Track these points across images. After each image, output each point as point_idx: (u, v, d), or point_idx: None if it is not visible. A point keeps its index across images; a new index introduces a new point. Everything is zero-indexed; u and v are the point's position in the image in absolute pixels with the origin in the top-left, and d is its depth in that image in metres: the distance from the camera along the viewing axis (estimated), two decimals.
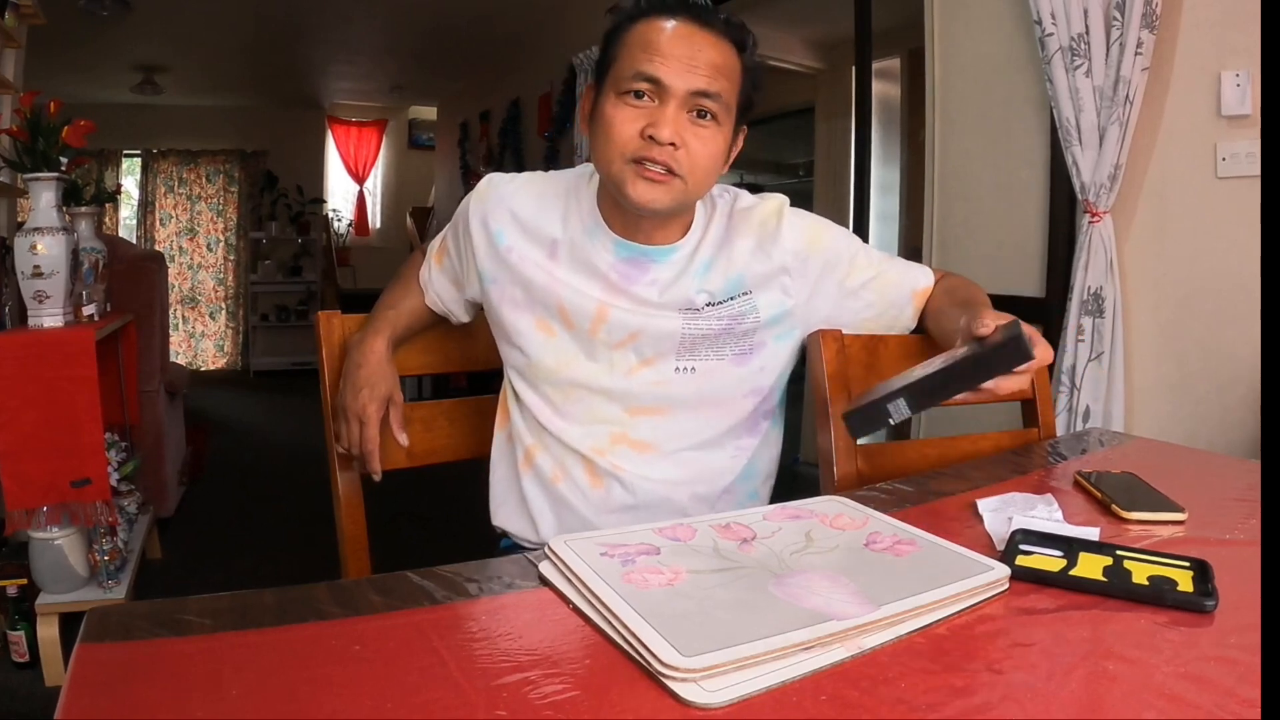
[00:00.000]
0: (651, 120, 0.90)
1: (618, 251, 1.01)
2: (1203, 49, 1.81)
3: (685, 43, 0.91)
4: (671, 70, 0.90)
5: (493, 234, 1.04)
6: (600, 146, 0.94)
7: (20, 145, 1.98)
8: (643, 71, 0.90)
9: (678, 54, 0.90)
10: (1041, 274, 2.15)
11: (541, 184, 1.07)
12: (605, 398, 1.02)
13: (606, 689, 0.50)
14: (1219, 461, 1.15)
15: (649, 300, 1.01)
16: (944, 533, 0.73)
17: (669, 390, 1.02)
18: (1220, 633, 0.58)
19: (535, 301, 1.03)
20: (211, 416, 4.94)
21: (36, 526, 1.99)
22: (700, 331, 1.01)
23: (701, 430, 1.04)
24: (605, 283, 1.01)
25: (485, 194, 1.06)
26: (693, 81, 0.90)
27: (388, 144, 8.65)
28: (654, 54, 0.90)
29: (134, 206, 7.33)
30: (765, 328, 1.04)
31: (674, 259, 1.02)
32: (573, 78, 4.51)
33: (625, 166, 0.92)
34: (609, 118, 0.92)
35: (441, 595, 0.63)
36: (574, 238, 1.03)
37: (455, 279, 1.12)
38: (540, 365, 1.03)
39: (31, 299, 1.97)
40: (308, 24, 5.34)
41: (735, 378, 1.04)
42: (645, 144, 0.91)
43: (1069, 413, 1.96)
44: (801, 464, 3.91)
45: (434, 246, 1.16)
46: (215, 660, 0.53)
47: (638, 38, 0.93)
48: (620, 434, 1.03)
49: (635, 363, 1.02)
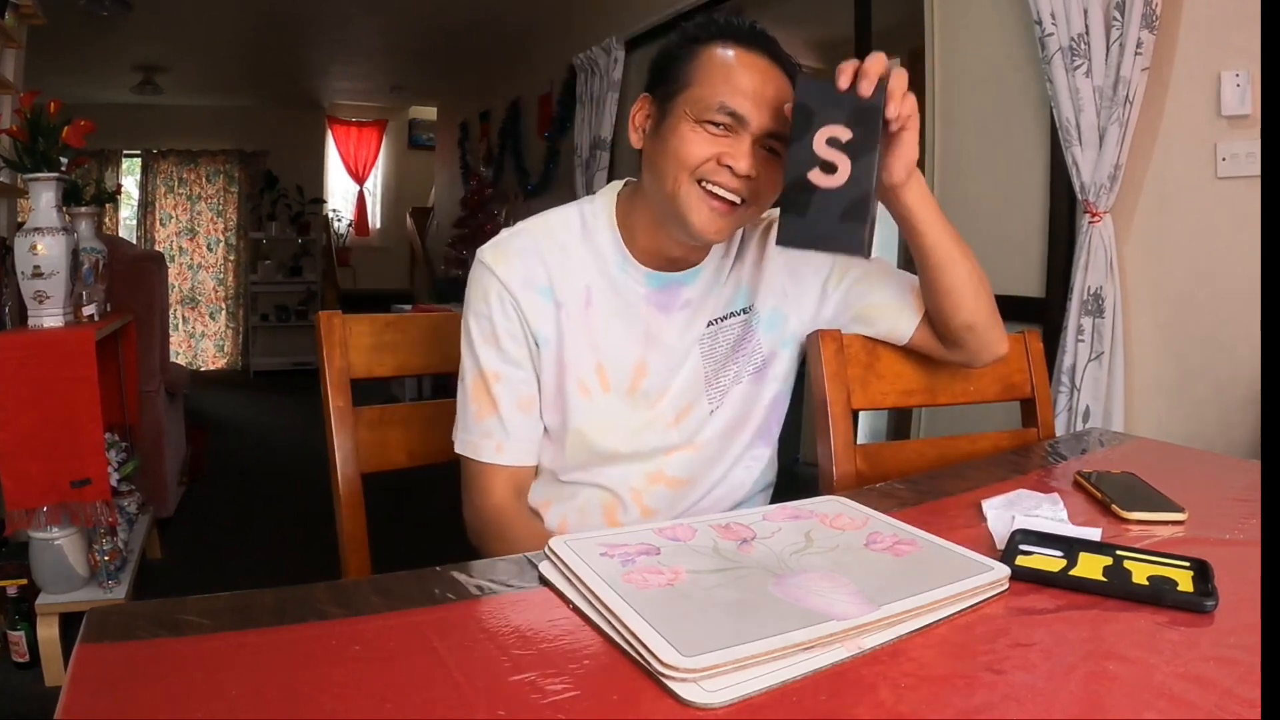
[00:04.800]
0: (729, 150, 0.88)
1: (649, 283, 0.99)
2: (1203, 49, 1.81)
3: (763, 78, 0.90)
4: (754, 107, 0.89)
5: (538, 289, 0.97)
6: (664, 163, 0.91)
7: (20, 145, 1.98)
8: (727, 105, 0.88)
9: (758, 90, 0.89)
10: (1041, 274, 2.15)
11: (548, 228, 1.00)
12: (640, 460, 1.00)
13: (606, 689, 0.50)
14: (1219, 461, 1.15)
15: (680, 340, 1.00)
16: (944, 533, 0.72)
17: (704, 429, 1.02)
18: (1220, 633, 0.58)
19: (571, 361, 0.98)
20: (211, 416, 4.94)
21: (36, 526, 1.99)
22: (717, 357, 1.01)
23: (730, 450, 1.04)
24: (643, 329, 0.99)
25: (503, 254, 0.97)
26: (769, 122, 0.89)
27: (388, 144, 8.66)
28: (737, 88, 0.88)
29: (134, 207, 7.34)
30: (770, 335, 1.04)
31: (704, 275, 1.01)
32: (573, 78, 4.51)
33: (690, 187, 0.89)
34: (683, 137, 0.89)
35: (441, 595, 0.63)
36: (608, 275, 0.99)
37: (528, 379, 0.99)
38: (576, 432, 0.99)
39: (31, 299, 1.97)
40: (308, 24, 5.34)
41: (756, 395, 1.04)
42: (718, 169, 0.89)
43: (1069, 413, 1.96)
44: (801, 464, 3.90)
45: (474, 404, 0.98)
46: (215, 660, 0.53)
47: (719, 65, 0.90)
48: (658, 473, 1.01)
49: (671, 419, 1.01)
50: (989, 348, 1.03)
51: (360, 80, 7.23)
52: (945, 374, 1.14)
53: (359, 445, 1.07)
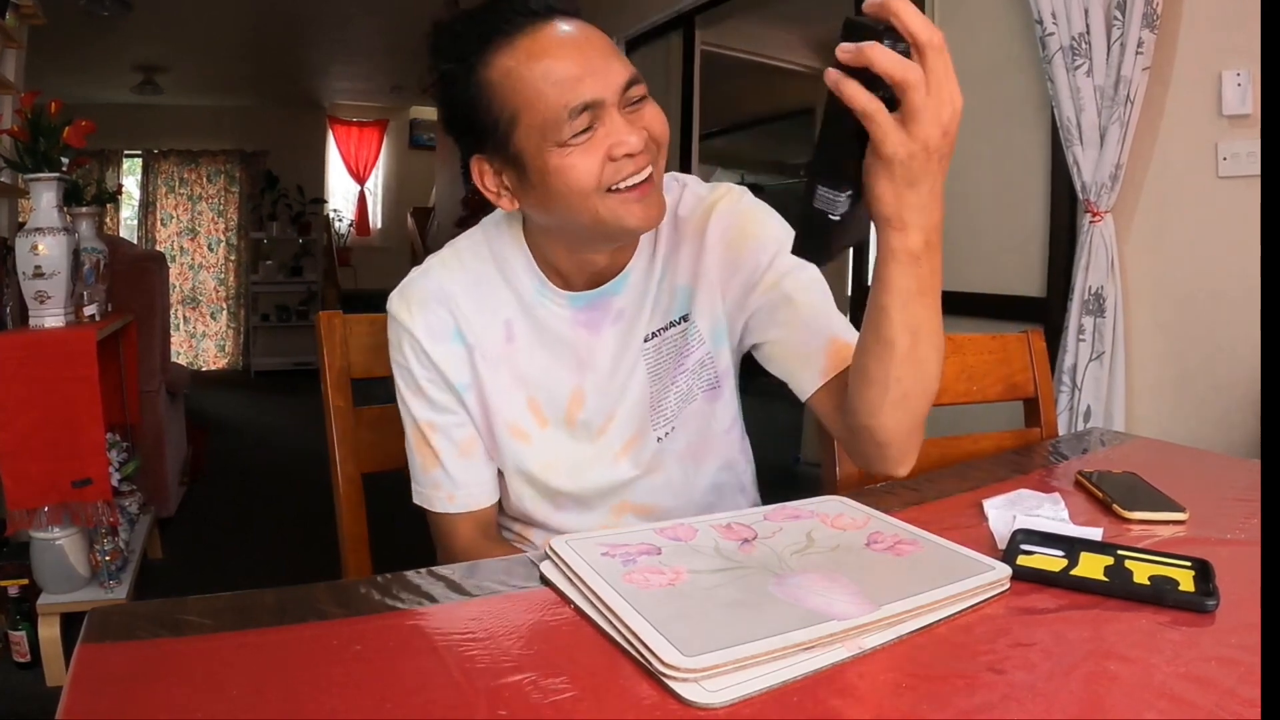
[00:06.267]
0: (610, 141, 0.77)
1: (572, 304, 0.90)
2: (1203, 49, 1.81)
3: (574, 39, 0.77)
4: (598, 82, 0.76)
5: (448, 337, 0.89)
6: (561, 203, 0.79)
7: (21, 145, 1.99)
8: (575, 104, 0.75)
9: (583, 56, 0.76)
10: (1042, 274, 2.15)
11: (458, 262, 0.92)
12: (599, 498, 0.95)
13: (606, 689, 0.50)
14: (1219, 461, 1.15)
15: (618, 362, 0.91)
16: (945, 533, 0.72)
17: (661, 458, 0.94)
18: (1221, 632, 0.58)
19: (497, 404, 0.91)
20: (212, 416, 4.94)
21: (37, 526, 1.99)
22: (661, 376, 0.92)
23: (701, 471, 0.97)
24: (573, 355, 0.91)
25: (407, 303, 0.90)
26: (616, 77, 0.77)
27: (388, 144, 8.66)
28: (566, 78, 0.75)
29: (135, 207, 7.34)
30: (714, 345, 0.93)
31: (631, 278, 0.91)
32: None
33: (603, 200, 0.78)
34: (561, 170, 0.77)
35: (441, 595, 0.63)
36: (525, 305, 0.90)
37: (462, 422, 0.92)
38: (521, 475, 0.93)
39: (32, 299, 1.98)
40: (308, 24, 5.34)
41: (713, 414, 0.96)
42: (616, 166, 0.77)
43: (1070, 412, 1.96)
44: (801, 464, 3.91)
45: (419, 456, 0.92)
46: (215, 660, 0.53)
47: (524, 74, 0.76)
48: (620, 504, 0.95)
49: (619, 449, 0.93)
50: (885, 467, 0.85)
51: (361, 80, 7.23)
52: (947, 374, 1.14)
53: (359, 445, 1.07)
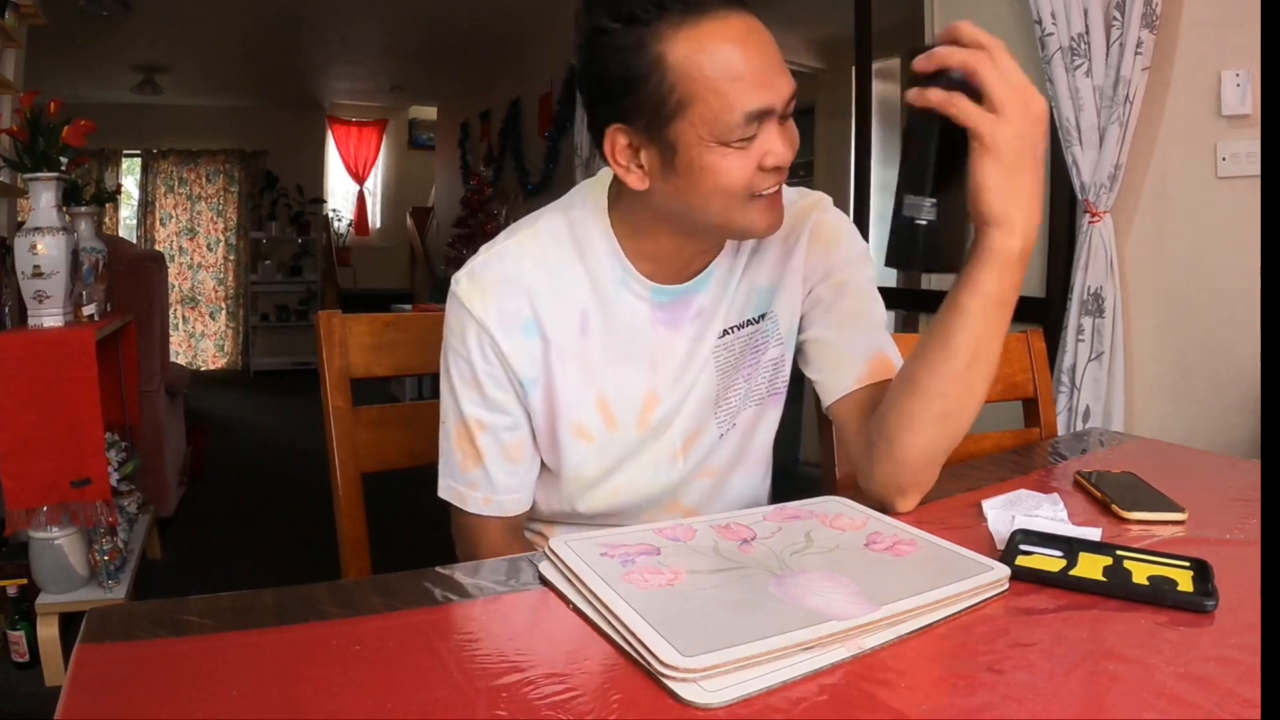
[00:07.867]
0: (767, 150, 0.75)
1: (656, 298, 0.86)
2: (1203, 49, 1.81)
3: (757, 43, 0.74)
4: (773, 92, 0.73)
5: (521, 327, 0.84)
6: (701, 199, 0.77)
7: (20, 145, 1.99)
8: (753, 110, 0.72)
9: (765, 63, 0.73)
10: (1042, 274, 2.15)
11: (535, 243, 0.86)
12: (649, 496, 0.93)
13: (606, 689, 0.50)
14: (1219, 461, 1.15)
15: (691, 357, 0.89)
16: (944, 533, 0.72)
17: (714, 455, 0.94)
18: (1220, 633, 0.58)
19: (565, 403, 0.86)
20: (211, 416, 4.94)
21: (37, 526, 1.99)
22: (727, 373, 0.91)
23: (736, 475, 0.97)
24: (649, 354, 0.87)
25: (479, 288, 0.84)
26: (787, 88, 0.75)
27: (388, 144, 8.66)
28: (750, 81, 0.72)
29: (134, 206, 7.34)
30: (788, 348, 0.94)
31: (716, 275, 0.89)
32: (573, 78, 4.50)
33: (745, 205, 0.77)
34: (717, 169, 0.74)
35: (441, 595, 0.63)
36: (604, 295, 0.86)
37: (516, 424, 0.87)
38: (574, 480, 0.90)
39: (31, 299, 1.97)
40: (308, 24, 5.34)
41: (761, 423, 0.95)
42: (765, 175, 0.76)
43: (1069, 412, 1.96)
44: (801, 464, 3.91)
45: (458, 452, 0.87)
46: (215, 660, 0.53)
47: (709, 64, 0.72)
48: (672, 503, 0.94)
49: (679, 446, 0.91)
50: (890, 493, 0.82)
51: (360, 80, 7.23)
52: None
53: (359, 445, 1.07)
